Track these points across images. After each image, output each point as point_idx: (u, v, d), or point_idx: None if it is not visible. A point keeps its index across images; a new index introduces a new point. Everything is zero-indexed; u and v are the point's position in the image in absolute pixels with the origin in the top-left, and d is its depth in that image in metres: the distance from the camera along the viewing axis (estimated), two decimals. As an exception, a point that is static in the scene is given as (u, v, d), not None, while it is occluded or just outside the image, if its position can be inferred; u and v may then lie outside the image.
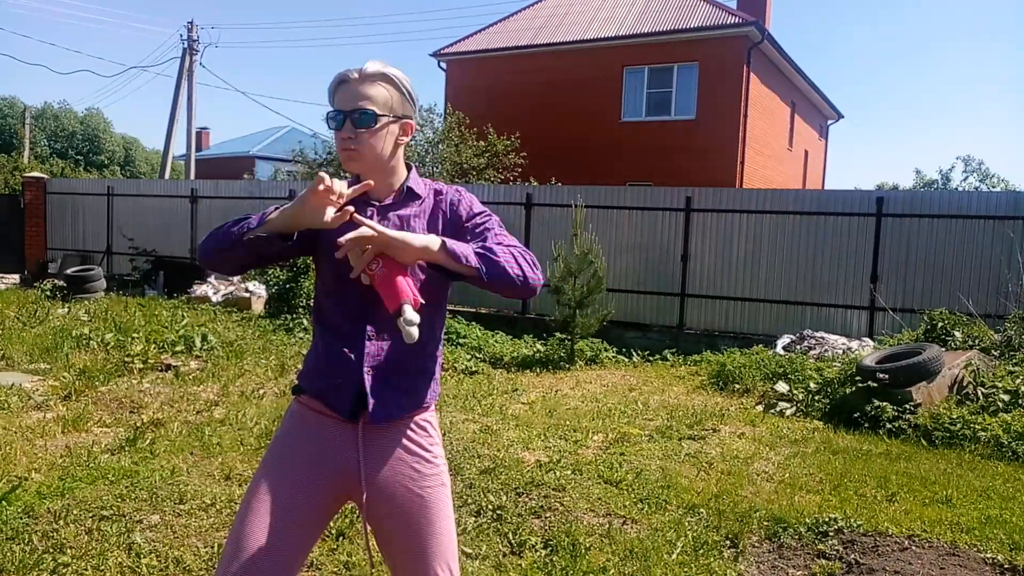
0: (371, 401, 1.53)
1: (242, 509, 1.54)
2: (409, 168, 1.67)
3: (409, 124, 1.63)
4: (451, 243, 1.46)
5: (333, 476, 1.56)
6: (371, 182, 1.52)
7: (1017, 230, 8.15)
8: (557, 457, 4.37)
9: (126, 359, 6.42)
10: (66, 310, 9.38)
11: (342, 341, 1.56)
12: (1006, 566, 3.09)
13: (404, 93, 1.60)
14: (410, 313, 1.42)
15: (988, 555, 3.19)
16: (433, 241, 1.46)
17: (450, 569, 1.60)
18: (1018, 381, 5.78)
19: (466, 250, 1.47)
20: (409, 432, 1.60)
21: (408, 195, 1.63)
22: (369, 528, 1.64)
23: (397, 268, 1.46)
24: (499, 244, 1.55)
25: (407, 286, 1.46)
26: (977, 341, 6.99)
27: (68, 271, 11.77)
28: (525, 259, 1.55)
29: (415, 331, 1.42)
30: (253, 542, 1.48)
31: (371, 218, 1.58)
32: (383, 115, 1.55)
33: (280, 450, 1.59)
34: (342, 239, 1.41)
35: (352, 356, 1.55)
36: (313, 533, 1.58)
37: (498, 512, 3.42)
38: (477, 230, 1.61)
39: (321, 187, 1.40)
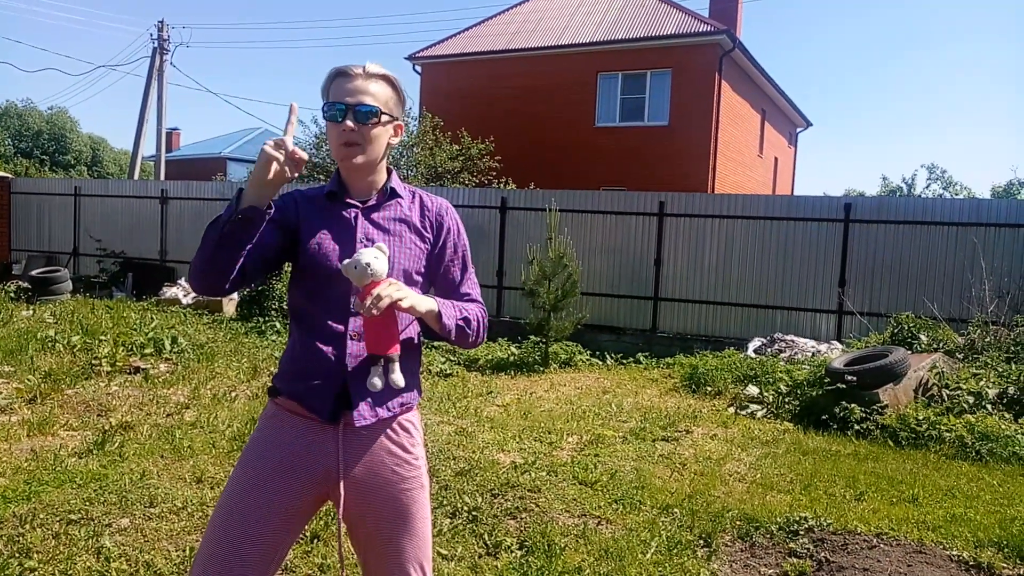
0: (356, 402, 1.51)
1: (217, 510, 1.52)
2: (390, 171, 1.67)
3: (400, 126, 1.64)
4: (445, 315, 1.56)
5: (311, 478, 1.54)
6: (295, 105, 1.48)
7: (980, 236, 8.39)
8: (532, 459, 4.38)
9: (93, 362, 6.28)
10: (31, 312, 9.15)
11: (323, 341, 1.53)
12: (971, 563, 3.18)
13: (400, 95, 1.63)
14: (397, 372, 1.51)
15: (954, 552, 3.27)
16: (434, 307, 1.54)
17: (423, 570, 1.59)
18: (982, 383, 5.95)
19: (451, 324, 1.57)
20: (390, 432, 1.59)
21: (390, 195, 1.63)
22: (344, 529, 1.63)
23: (393, 316, 1.52)
24: (470, 301, 1.69)
25: (397, 335, 1.52)
26: (942, 344, 7.17)
27: (33, 272, 11.47)
28: (482, 324, 1.68)
29: (379, 384, 1.49)
30: (228, 543, 1.46)
31: (355, 220, 1.59)
32: (384, 112, 1.56)
33: (256, 451, 1.56)
34: (376, 296, 1.42)
35: (333, 357, 1.52)
36: (290, 535, 1.56)
37: (473, 513, 3.42)
38: (453, 267, 1.69)
39: (269, 145, 1.41)
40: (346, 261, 1.47)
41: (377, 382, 1.48)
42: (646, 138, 17.48)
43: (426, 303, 1.52)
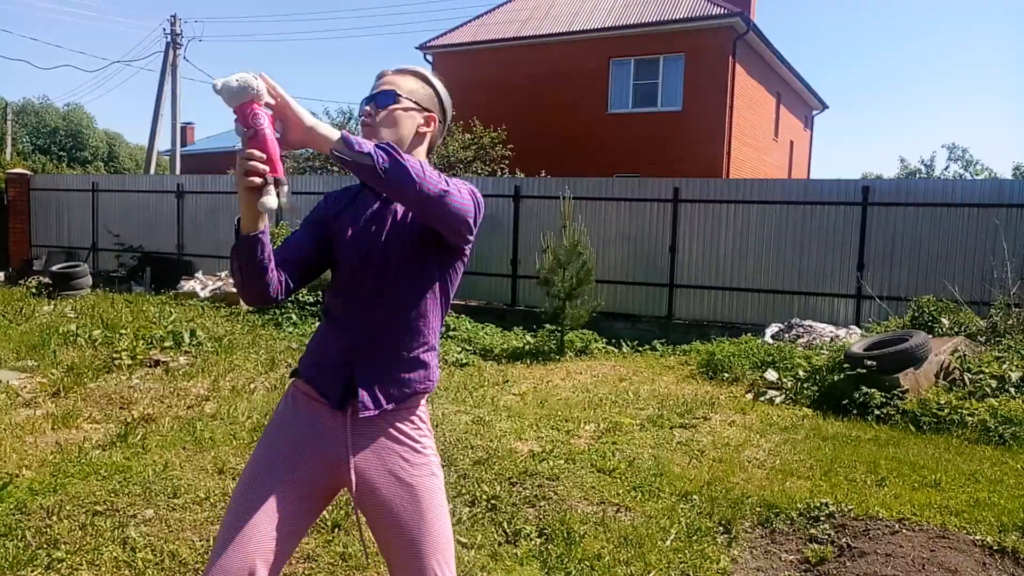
0: (360, 392, 1.54)
1: (236, 491, 1.54)
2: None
3: (432, 117, 1.66)
4: (349, 135, 1.36)
5: (322, 462, 1.56)
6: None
7: (1001, 217, 8.25)
8: (550, 447, 4.39)
9: (114, 355, 6.37)
10: (52, 307, 9.28)
11: (339, 331, 1.58)
12: (995, 548, 3.14)
13: (434, 91, 1.67)
14: (271, 196, 1.37)
15: (977, 537, 3.24)
16: (329, 130, 1.37)
17: (446, 564, 1.59)
18: (1005, 366, 5.86)
19: (365, 143, 1.35)
20: (398, 423, 1.60)
21: None
22: (364, 520, 1.64)
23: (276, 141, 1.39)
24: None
25: (279, 161, 1.39)
26: (963, 327, 7.07)
27: (53, 268, 11.63)
28: (448, 182, 1.43)
29: (272, 203, 1.38)
30: (248, 525, 1.48)
31: (374, 205, 1.61)
32: (404, 97, 1.60)
33: (273, 433, 1.60)
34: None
35: (344, 346, 1.56)
36: (304, 518, 1.57)
37: (492, 502, 3.43)
38: None
39: (243, 155, 1.37)
40: (219, 82, 1.35)
41: (272, 202, 1.37)
42: (660, 124, 17.34)
43: (313, 118, 1.38)
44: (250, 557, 1.45)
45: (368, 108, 1.60)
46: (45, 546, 2.82)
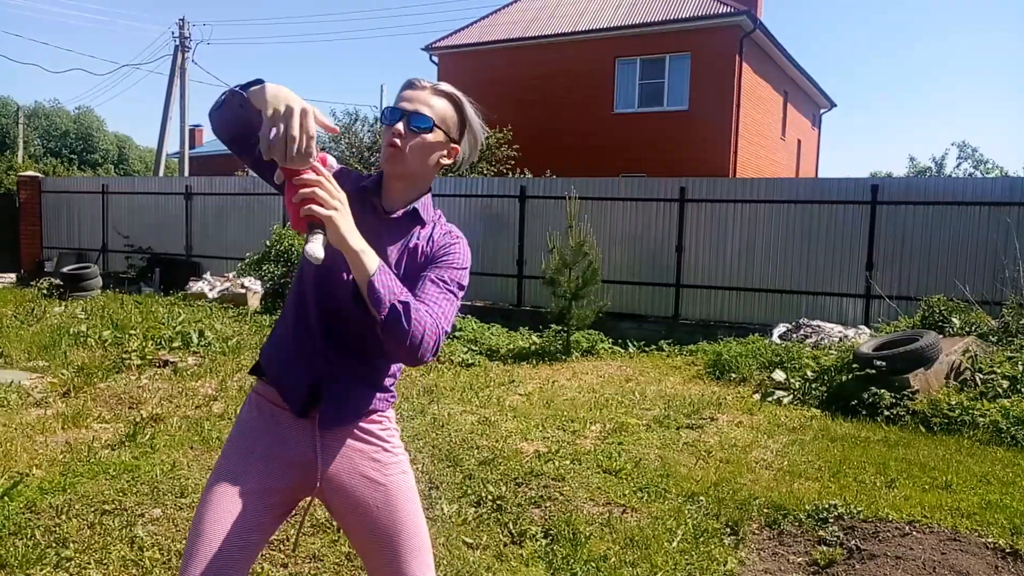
0: (323, 405, 1.51)
1: (202, 502, 1.50)
2: (428, 191, 1.61)
3: (455, 149, 1.57)
4: (380, 279, 1.31)
5: (291, 467, 1.53)
6: (335, 128, 1.37)
7: (1013, 216, 8.17)
8: (556, 447, 4.38)
9: (124, 356, 6.40)
10: (63, 308, 9.34)
11: (303, 338, 1.53)
12: (1007, 550, 3.11)
13: (465, 119, 1.56)
14: (319, 245, 1.28)
15: (989, 540, 3.20)
16: (370, 257, 1.32)
17: (426, 566, 1.57)
18: (1017, 367, 5.81)
19: (386, 297, 1.31)
20: (364, 424, 1.58)
21: (410, 216, 1.56)
22: (308, 509, 1.62)
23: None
24: (428, 308, 1.40)
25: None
26: (974, 327, 7.01)
27: (64, 269, 11.72)
28: (429, 331, 1.37)
29: (320, 253, 1.27)
30: (211, 534, 1.45)
31: (377, 230, 1.50)
32: (439, 127, 1.51)
33: (237, 444, 1.56)
34: (302, 178, 1.27)
35: (312, 353, 1.52)
36: (272, 524, 1.55)
37: (498, 502, 3.43)
38: (427, 275, 1.48)
39: (295, 128, 1.24)
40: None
41: (319, 251, 1.27)
42: (666, 123, 17.29)
43: (361, 241, 1.31)
44: (218, 570, 1.43)
45: (400, 128, 1.47)
46: (54, 545, 2.83)
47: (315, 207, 1.27)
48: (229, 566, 1.44)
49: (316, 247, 1.27)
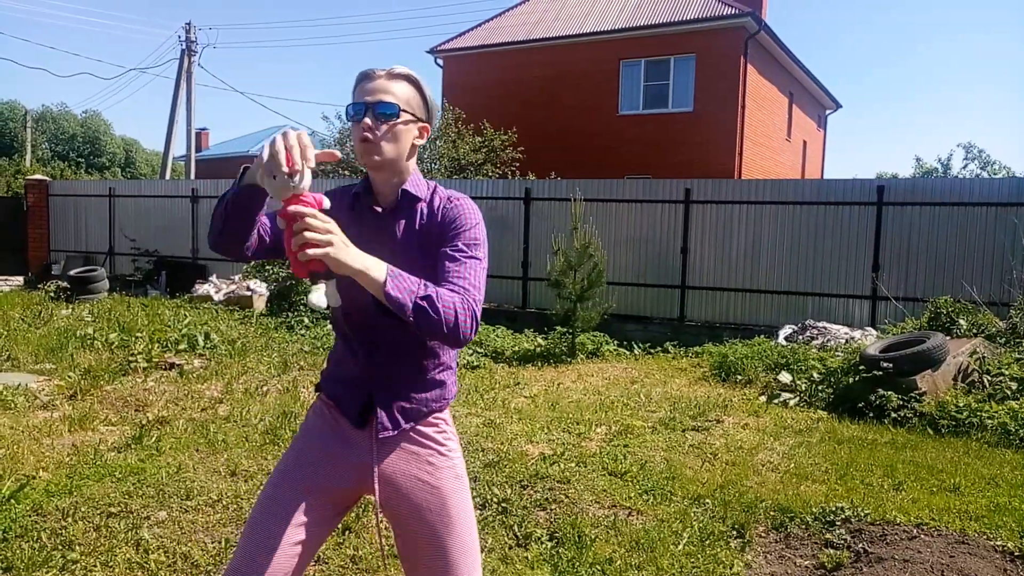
0: (379, 413, 1.55)
1: (260, 495, 1.56)
2: (412, 171, 1.62)
3: (425, 128, 1.60)
4: (393, 286, 1.32)
5: (348, 468, 1.58)
6: (336, 153, 1.44)
7: (1021, 216, 8.12)
8: (561, 450, 4.37)
9: (130, 358, 6.42)
10: (70, 311, 9.38)
11: (352, 353, 1.59)
12: (1016, 553, 3.08)
13: (424, 97, 1.58)
14: (321, 294, 1.31)
15: (998, 543, 3.18)
16: (376, 270, 1.32)
17: (474, 567, 1.60)
18: None
19: (404, 298, 1.33)
20: (421, 428, 1.61)
21: (403, 198, 1.58)
22: (387, 526, 1.63)
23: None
24: (453, 286, 1.42)
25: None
26: (982, 329, 6.97)
27: (71, 272, 11.76)
28: (460, 313, 1.39)
29: (323, 302, 1.31)
30: (270, 528, 1.49)
31: (380, 227, 1.55)
32: (405, 111, 1.52)
33: (301, 444, 1.62)
34: (290, 210, 1.29)
35: (361, 367, 1.57)
36: (328, 524, 1.59)
37: (503, 505, 3.42)
38: (448, 253, 1.48)
39: (291, 137, 1.30)
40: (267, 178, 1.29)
41: (322, 300, 1.31)
42: (671, 125, 17.27)
43: (361, 259, 1.31)
44: (270, 567, 1.46)
45: (368, 121, 1.48)
46: (60, 547, 2.84)
47: (310, 250, 1.26)
48: (287, 560, 1.48)
49: (318, 296, 1.30)
